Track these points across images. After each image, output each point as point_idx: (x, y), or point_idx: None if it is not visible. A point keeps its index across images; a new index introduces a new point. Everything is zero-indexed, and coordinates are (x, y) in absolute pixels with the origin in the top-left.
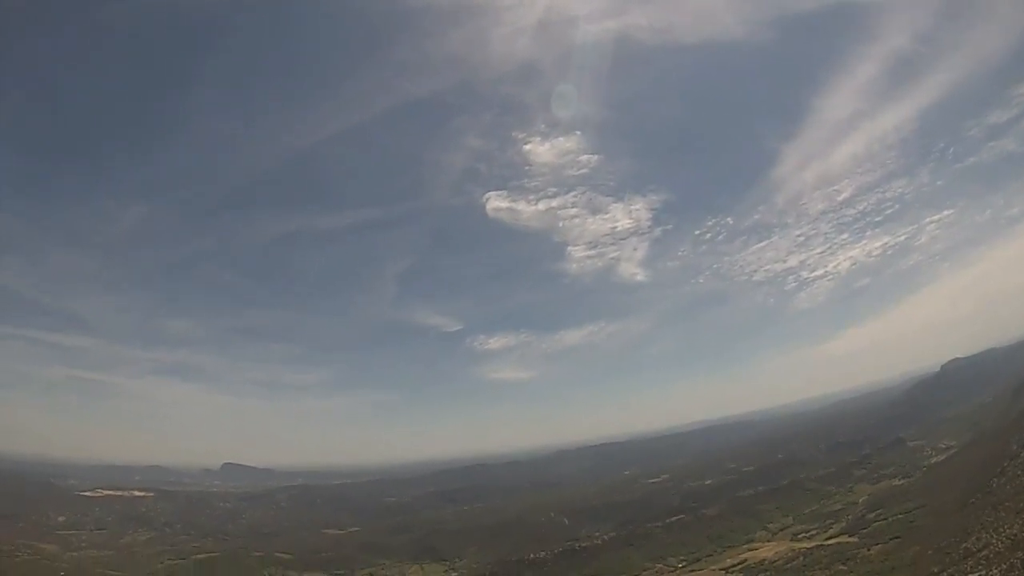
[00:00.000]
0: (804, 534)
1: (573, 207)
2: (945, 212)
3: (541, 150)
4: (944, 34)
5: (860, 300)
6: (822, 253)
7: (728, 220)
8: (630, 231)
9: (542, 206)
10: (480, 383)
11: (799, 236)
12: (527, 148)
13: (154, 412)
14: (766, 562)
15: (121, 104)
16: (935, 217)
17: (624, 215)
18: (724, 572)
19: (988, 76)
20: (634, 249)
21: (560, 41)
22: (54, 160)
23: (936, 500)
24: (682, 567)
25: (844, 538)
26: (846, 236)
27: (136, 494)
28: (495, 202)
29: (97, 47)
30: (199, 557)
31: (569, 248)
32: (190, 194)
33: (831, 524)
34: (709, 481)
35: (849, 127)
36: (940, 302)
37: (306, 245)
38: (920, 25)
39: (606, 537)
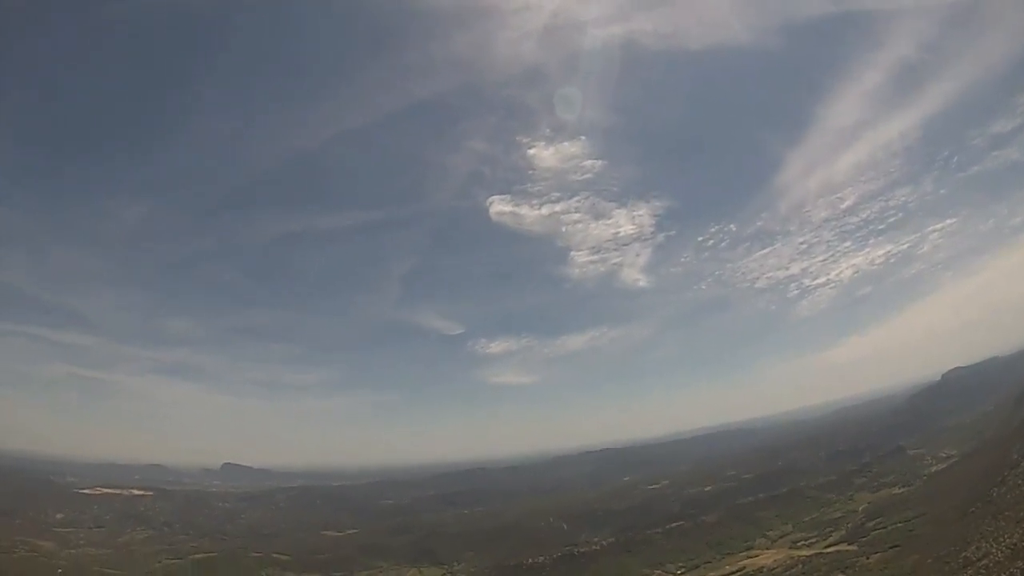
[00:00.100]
0: (803, 542)
1: (576, 212)
2: (948, 221)
3: (545, 154)
4: (949, 42)
5: (862, 308)
6: (824, 261)
7: (731, 227)
8: (633, 237)
9: (545, 211)
10: (481, 387)
11: (802, 243)
12: (531, 152)
13: (154, 411)
14: (765, 569)
15: (123, 102)
16: (938, 226)
17: (627, 221)
18: None
19: (993, 85)
20: (637, 255)
21: (566, 46)
22: (56, 157)
23: (936, 509)
24: (681, 574)
25: (843, 546)
26: (849, 244)
27: (135, 493)
28: (498, 206)
29: (98, 46)
30: (197, 557)
31: (572, 253)
32: (192, 193)
33: (830, 532)
34: (709, 488)
35: (853, 135)
36: (942, 311)
37: (308, 245)
38: (926, 33)
39: (605, 543)
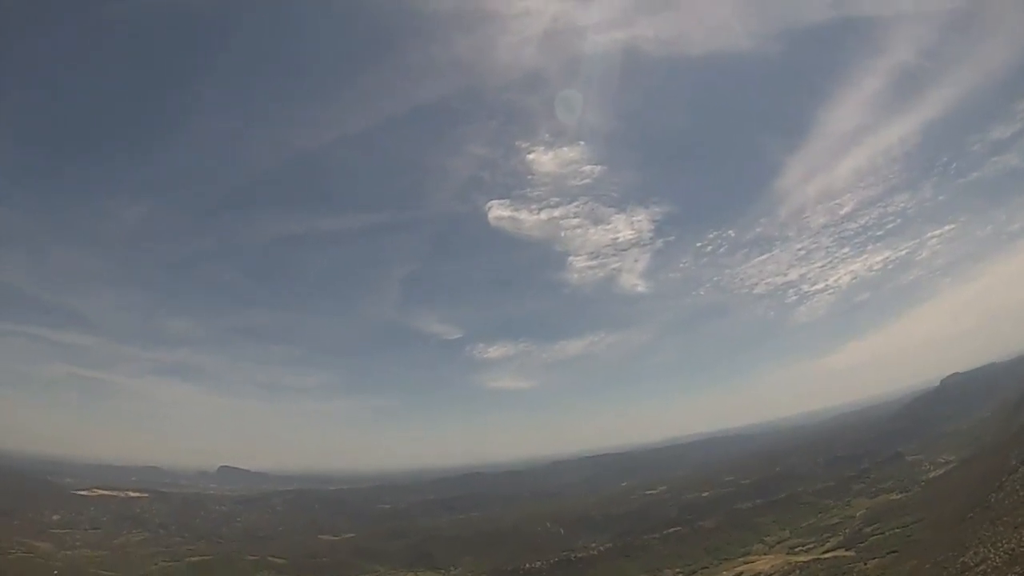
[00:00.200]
0: (801, 547)
1: (575, 217)
2: (947, 227)
3: (544, 159)
4: (949, 49)
5: (861, 314)
6: (823, 267)
7: (730, 232)
8: (632, 242)
9: (544, 216)
10: (479, 391)
11: (800, 249)
12: (531, 157)
13: (153, 412)
14: (762, 575)
15: (123, 102)
16: (937, 232)
17: (626, 226)
18: None
19: (992, 91)
20: (635, 260)
21: (567, 51)
22: (56, 157)
23: (934, 514)
24: None
25: (841, 552)
26: (847, 250)
27: (132, 495)
28: (497, 211)
29: (98, 45)
30: (193, 560)
31: (570, 258)
32: (192, 193)
33: (828, 538)
34: (707, 493)
35: (853, 141)
36: (941, 317)
37: (308, 247)
38: (926, 39)
39: (602, 548)
